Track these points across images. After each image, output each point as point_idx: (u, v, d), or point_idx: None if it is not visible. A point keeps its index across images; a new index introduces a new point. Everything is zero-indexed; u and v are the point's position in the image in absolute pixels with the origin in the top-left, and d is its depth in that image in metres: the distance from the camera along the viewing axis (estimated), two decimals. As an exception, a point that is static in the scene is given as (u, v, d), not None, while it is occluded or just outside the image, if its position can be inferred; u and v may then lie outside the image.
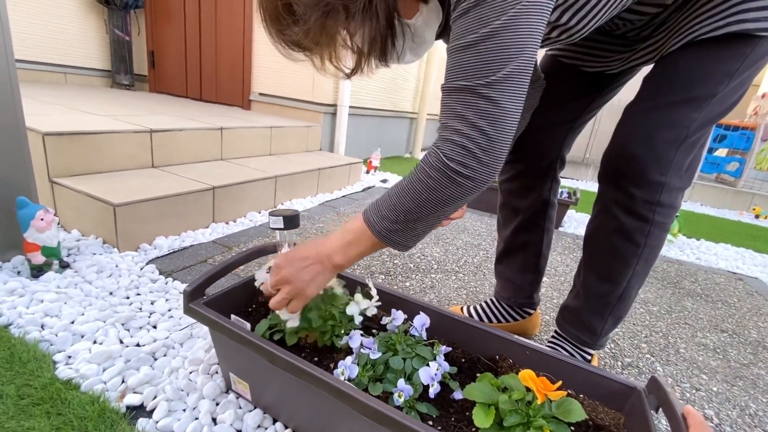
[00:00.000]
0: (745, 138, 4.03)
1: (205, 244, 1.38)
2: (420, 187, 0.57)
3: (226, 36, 2.99)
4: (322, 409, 0.61)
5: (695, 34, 0.65)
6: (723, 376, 1.06)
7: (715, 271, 1.93)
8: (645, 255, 0.77)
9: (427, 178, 0.56)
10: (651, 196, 0.72)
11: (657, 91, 0.70)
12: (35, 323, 0.85)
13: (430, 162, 0.56)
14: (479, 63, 0.51)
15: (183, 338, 0.88)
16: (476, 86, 0.52)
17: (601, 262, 0.82)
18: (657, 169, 0.70)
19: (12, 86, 0.99)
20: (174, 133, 1.70)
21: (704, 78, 0.66)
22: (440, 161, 0.54)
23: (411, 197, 0.57)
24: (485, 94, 0.52)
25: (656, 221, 0.74)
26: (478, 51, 0.51)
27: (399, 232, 0.59)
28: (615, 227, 0.77)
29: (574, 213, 2.67)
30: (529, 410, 0.52)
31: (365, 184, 2.67)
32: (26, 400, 0.65)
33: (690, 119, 0.68)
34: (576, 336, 0.88)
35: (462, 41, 0.52)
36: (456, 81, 0.54)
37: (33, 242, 0.99)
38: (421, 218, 0.58)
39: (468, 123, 0.53)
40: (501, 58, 0.50)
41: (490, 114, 0.52)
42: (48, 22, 2.89)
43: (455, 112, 0.54)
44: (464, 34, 0.52)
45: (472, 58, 0.52)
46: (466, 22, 0.52)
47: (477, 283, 1.40)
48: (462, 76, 0.53)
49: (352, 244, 0.62)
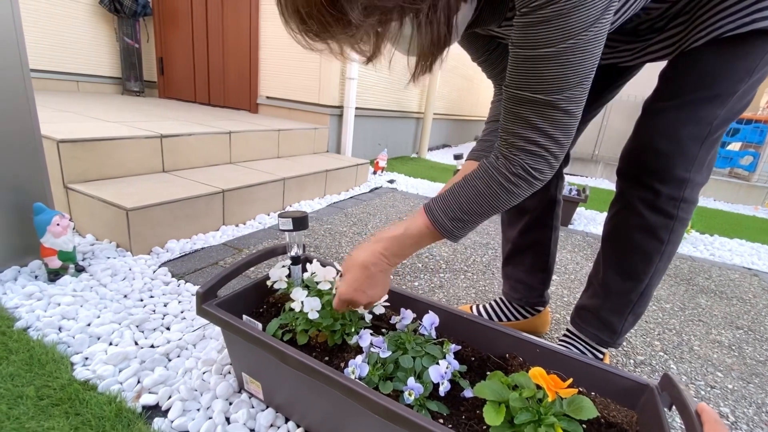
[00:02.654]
0: (759, 131, 3.94)
1: (215, 247, 1.40)
2: (491, 185, 0.61)
3: (233, 41, 3.02)
4: (334, 408, 0.62)
5: (720, 31, 0.64)
6: (738, 374, 1.04)
7: (730, 267, 1.90)
8: (667, 251, 0.78)
9: (508, 183, 0.60)
10: (676, 192, 0.72)
11: (681, 88, 0.70)
12: (53, 326, 0.87)
13: (511, 170, 0.59)
14: (560, 77, 0.52)
15: (196, 339, 0.89)
16: (556, 101, 0.53)
17: (623, 260, 0.82)
18: (683, 165, 0.71)
19: (28, 96, 1.02)
20: (184, 138, 1.72)
21: (727, 75, 0.66)
22: (523, 169, 0.58)
23: (478, 192, 0.62)
24: (564, 108, 0.54)
25: (680, 217, 0.74)
26: (560, 64, 0.51)
27: (460, 222, 0.64)
28: (639, 223, 0.77)
29: (583, 210, 2.64)
30: (539, 408, 0.52)
31: (372, 184, 2.67)
32: (45, 401, 0.67)
33: (714, 116, 0.68)
34: (595, 335, 0.87)
35: (541, 51, 0.51)
36: (534, 93, 0.54)
37: (50, 247, 1.02)
38: (485, 214, 0.63)
39: (546, 135, 0.56)
40: (581, 72, 0.52)
41: (565, 125, 0.55)
42: (61, 32, 2.95)
43: (531, 124, 0.56)
44: (544, 45, 0.51)
45: (553, 71, 0.52)
46: (547, 32, 0.50)
47: (486, 282, 1.39)
48: (541, 89, 0.54)
49: (414, 240, 0.66)
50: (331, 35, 0.50)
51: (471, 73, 5.40)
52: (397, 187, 2.72)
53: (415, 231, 0.65)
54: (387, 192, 2.54)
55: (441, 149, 5.08)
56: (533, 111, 0.55)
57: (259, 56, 2.95)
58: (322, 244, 1.56)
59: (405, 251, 0.67)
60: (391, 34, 0.53)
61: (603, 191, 3.46)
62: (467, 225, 0.64)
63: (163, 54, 3.43)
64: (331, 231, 1.70)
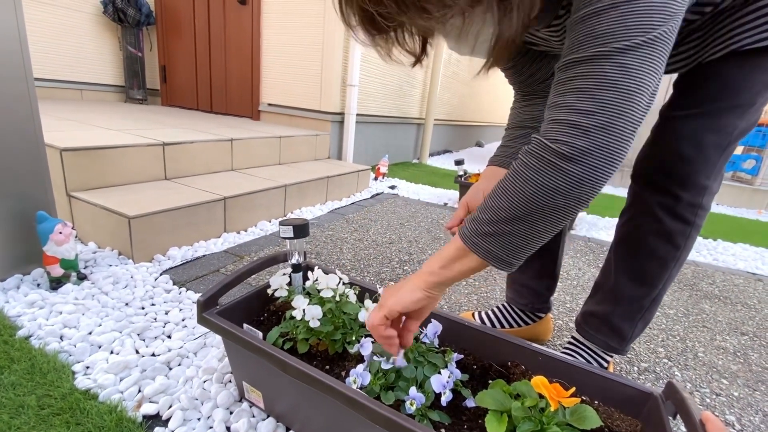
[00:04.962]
0: (761, 135, 3.93)
1: (217, 254, 1.40)
2: (513, 177, 0.48)
3: (235, 49, 3.05)
4: (335, 418, 0.61)
5: (739, 44, 0.65)
6: (744, 381, 1.03)
7: (734, 272, 1.89)
8: (682, 258, 0.78)
9: (523, 167, 0.47)
10: (696, 199, 0.73)
11: (702, 98, 0.71)
12: (54, 334, 0.87)
13: (529, 149, 0.47)
14: (618, 25, 0.41)
15: (197, 347, 0.89)
16: (610, 52, 0.41)
17: (638, 265, 0.81)
18: (704, 172, 0.71)
19: (31, 105, 1.03)
20: (186, 146, 1.73)
21: (747, 87, 0.67)
22: (541, 144, 0.46)
23: (502, 192, 0.49)
24: (619, 61, 0.41)
25: (696, 224, 0.75)
26: (619, 13, 0.41)
27: (491, 237, 0.49)
28: (656, 229, 0.77)
29: (585, 215, 2.64)
30: (542, 417, 0.52)
31: (374, 190, 2.68)
32: (47, 410, 0.67)
33: (733, 126, 0.69)
34: (604, 342, 0.87)
35: (596, 5, 0.43)
36: (581, 52, 0.44)
37: (52, 255, 1.02)
38: (516, 219, 0.48)
39: (585, 96, 0.42)
40: (648, 21, 0.40)
41: (619, 84, 0.41)
42: (65, 42, 2.98)
43: (572, 87, 0.44)
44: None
45: (608, 21, 0.41)
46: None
47: (488, 288, 1.39)
48: (591, 43, 0.43)
49: (446, 258, 0.54)
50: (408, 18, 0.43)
51: (471, 78, 5.43)
52: (399, 193, 2.72)
53: (448, 252, 0.54)
54: (388, 198, 2.54)
55: (442, 155, 5.09)
56: (578, 72, 0.44)
57: (260, 63, 2.97)
58: (324, 250, 1.56)
59: (442, 274, 0.54)
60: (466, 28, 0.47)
61: (604, 196, 3.46)
62: (492, 227, 0.50)
63: (166, 62, 3.46)
64: (332, 237, 1.70)
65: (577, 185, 0.44)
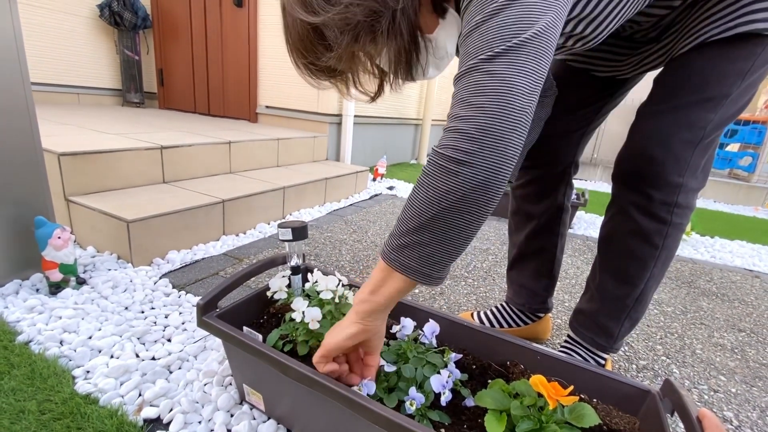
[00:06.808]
0: (757, 132, 3.95)
1: (216, 257, 1.40)
2: (416, 186, 0.50)
3: (232, 52, 3.05)
4: (335, 419, 0.61)
5: (706, 36, 0.65)
6: (742, 377, 1.04)
7: (731, 269, 1.90)
8: (662, 257, 0.77)
9: (423, 176, 0.50)
10: (669, 198, 0.72)
11: (672, 93, 0.70)
12: (54, 339, 0.87)
13: (427, 159, 0.50)
14: (483, 40, 0.46)
15: (197, 351, 0.89)
16: (477, 63, 0.46)
17: (617, 265, 0.82)
18: (675, 170, 0.70)
19: (29, 110, 1.03)
20: (184, 149, 1.73)
21: (718, 79, 0.66)
22: (434, 152, 0.49)
23: (409, 202, 0.51)
24: (485, 69, 0.45)
25: (674, 222, 0.74)
26: (486, 28, 0.46)
27: (406, 249, 0.50)
28: (632, 229, 0.77)
29: (583, 214, 2.65)
30: (541, 416, 0.52)
31: (372, 191, 2.68)
32: (47, 416, 0.67)
33: (706, 120, 0.68)
34: (591, 339, 0.87)
35: (469, 27, 0.48)
36: (462, 66, 0.48)
37: (51, 260, 1.02)
38: (422, 226, 0.49)
39: (465, 104, 0.46)
40: (508, 32, 0.44)
41: (490, 89, 0.44)
42: (61, 46, 2.98)
43: (457, 98, 0.48)
44: (473, 17, 0.48)
45: (477, 38, 0.46)
46: (475, 6, 0.48)
47: (487, 289, 1.39)
48: (468, 57, 0.47)
49: (374, 282, 0.54)
50: (329, 66, 0.56)
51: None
52: (397, 194, 2.73)
53: (375, 275, 0.55)
54: (387, 198, 2.55)
55: (440, 155, 5.09)
56: (460, 85, 0.48)
57: (258, 66, 2.97)
58: (323, 252, 1.56)
59: (372, 300, 0.54)
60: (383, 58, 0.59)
61: (602, 194, 3.47)
62: (405, 238, 0.50)
63: (163, 65, 3.46)
64: (331, 239, 1.71)
65: (469, 186, 0.46)
